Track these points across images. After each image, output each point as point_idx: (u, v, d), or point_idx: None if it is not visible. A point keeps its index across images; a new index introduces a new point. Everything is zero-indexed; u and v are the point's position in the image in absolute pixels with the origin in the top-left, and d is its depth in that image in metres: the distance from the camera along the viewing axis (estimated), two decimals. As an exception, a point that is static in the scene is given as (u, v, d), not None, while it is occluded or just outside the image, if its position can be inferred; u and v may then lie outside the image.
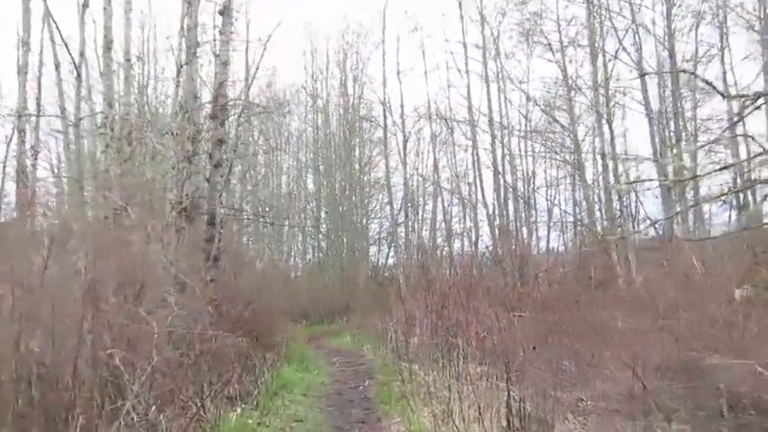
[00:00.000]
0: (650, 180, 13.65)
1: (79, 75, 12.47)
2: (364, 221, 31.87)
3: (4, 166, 13.52)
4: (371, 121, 30.93)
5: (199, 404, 6.77)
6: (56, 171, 15.05)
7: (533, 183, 25.94)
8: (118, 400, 5.70)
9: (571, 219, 27.73)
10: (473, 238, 25.17)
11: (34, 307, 5.23)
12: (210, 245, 11.71)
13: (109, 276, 7.66)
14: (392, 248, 30.46)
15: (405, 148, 28.29)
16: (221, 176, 12.30)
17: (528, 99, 26.43)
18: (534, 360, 7.75)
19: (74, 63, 12.16)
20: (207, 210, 12.02)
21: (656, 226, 22.60)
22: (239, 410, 7.49)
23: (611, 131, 22.30)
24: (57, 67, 13.56)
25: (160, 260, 10.15)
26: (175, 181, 11.93)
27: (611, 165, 23.10)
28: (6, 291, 5.20)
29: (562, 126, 27.48)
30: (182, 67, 12.04)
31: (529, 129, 27.30)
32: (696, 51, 22.37)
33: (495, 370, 7.53)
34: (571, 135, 26.40)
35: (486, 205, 24.59)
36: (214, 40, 12.19)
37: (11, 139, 12.66)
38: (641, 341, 6.90)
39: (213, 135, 12.34)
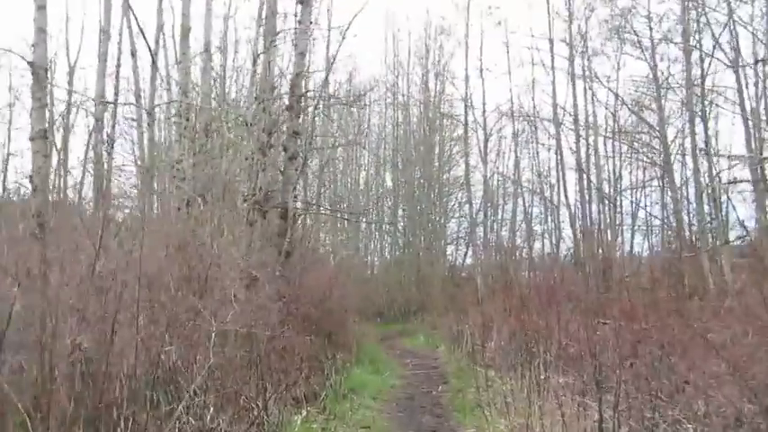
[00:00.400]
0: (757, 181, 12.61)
1: (154, 62, 12.39)
2: (442, 220, 31.32)
3: (86, 155, 13.53)
4: (452, 118, 30.32)
5: (261, 406, 6.39)
6: (134, 160, 15.00)
7: (620, 184, 24.84)
8: (174, 401, 5.38)
9: (657, 222, 26.58)
10: (554, 240, 24.32)
11: (84, 299, 4.94)
12: (282, 239, 11.42)
13: (172, 269, 7.43)
14: (470, 248, 29.82)
15: (486, 146, 27.57)
16: (296, 169, 11.98)
17: (616, 98, 25.35)
18: (624, 373, 7.12)
19: (149, 50, 12.08)
20: (280, 203, 11.75)
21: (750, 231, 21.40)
22: (304, 413, 7.10)
23: (706, 130, 21.02)
24: (133, 54, 13.51)
25: (230, 254, 9.90)
26: (249, 173, 11.69)
27: (704, 166, 21.95)
28: (60, 282, 4.93)
29: (650, 126, 26.35)
30: (258, 56, 11.75)
31: (616, 129, 26.22)
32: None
33: (581, 383, 6.92)
34: (660, 136, 25.31)
35: (568, 206, 23.69)
36: (293, 30, 11.86)
37: (93, 128, 12.63)
38: (746, 356, 6.20)
39: (289, 127, 12.06)
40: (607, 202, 22.99)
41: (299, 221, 12.39)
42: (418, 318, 21.89)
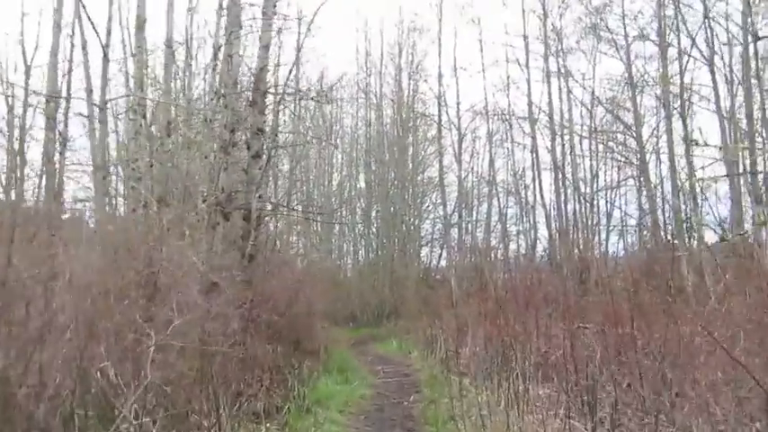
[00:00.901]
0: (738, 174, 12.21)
1: (106, 55, 11.70)
2: (416, 222, 30.83)
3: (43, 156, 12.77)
4: (426, 117, 29.85)
5: (212, 422, 5.80)
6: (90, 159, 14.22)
7: (596, 184, 24.50)
8: (110, 424, 4.77)
9: (633, 222, 26.28)
10: (530, 241, 23.91)
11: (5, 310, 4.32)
12: (246, 242, 10.81)
13: (116, 275, 6.82)
14: (444, 250, 29.36)
15: (460, 146, 27.21)
16: (260, 169, 11.37)
17: (592, 96, 25.05)
18: (607, 383, 6.62)
19: (101, 43, 11.39)
20: (243, 204, 11.14)
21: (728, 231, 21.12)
22: (263, 430, 6.50)
23: (685, 126, 20.68)
24: (83, 47, 12.79)
25: (187, 257, 9.29)
26: (210, 173, 11.08)
27: (681, 164, 21.66)
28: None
29: (625, 125, 26.12)
30: (219, 49, 11.13)
31: (592, 127, 25.90)
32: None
33: (564, 395, 6.41)
34: (635, 134, 25.03)
35: (544, 206, 23.30)
36: (257, 20, 11.26)
37: (45, 126, 11.92)
38: (737, 366, 5.72)
39: (252, 124, 11.45)
40: (583, 201, 22.63)
41: (264, 223, 11.79)
42: (391, 322, 21.36)
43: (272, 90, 12.02)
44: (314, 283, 13.45)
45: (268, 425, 6.77)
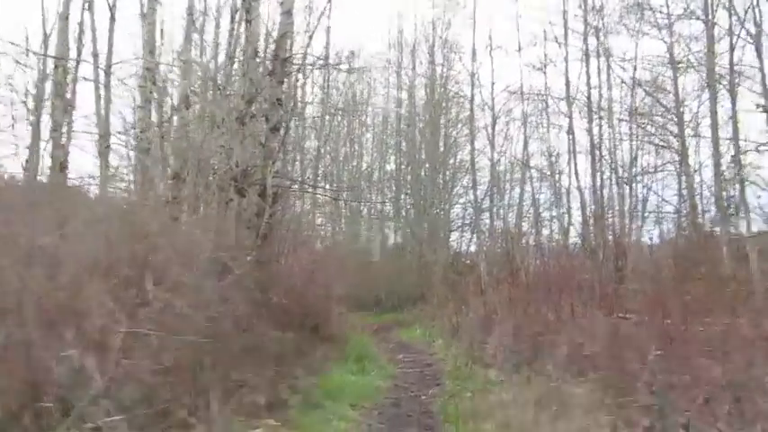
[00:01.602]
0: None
1: (113, 15, 11.07)
2: (447, 206, 30.00)
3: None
4: (459, 96, 28.89)
5: (198, 420, 5.14)
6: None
7: (635, 168, 23.41)
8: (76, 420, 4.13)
9: (670, 208, 25.20)
10: (564, 226, 22.97)
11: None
12: (260, 220, 10.15)
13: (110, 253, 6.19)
14: (474, 235, 28.53)
15: (494, 128, 26.25)
16: (278, 143, 10.69)
17: (633, 77, 23.93)
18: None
19: (107, 1, 10.73)
20: (258, 180, 10.48)
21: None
22: (260, 429, 5.83)
23: (734, 107, 19.53)
24: (89, 6, 12.10)
25: (195, 236, 8.67)
26: (225, 146, 10.44)
27: (726, 148, 20.61)
28: None
29: (665, 108, 25.03)
30: (236, 13, 10.44)
31: (632, 109, 24.81)
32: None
33: (604, 394, 5.66)
34: (675, 118, 23.96)
35: (580, 190, 22.29)
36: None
37: (51, 93, 11.33)
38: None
39: (271, 94, 10.78)
40: (623, 184, 21.57)
41: (285, 201, 11.12)
42: (417, 308, 20.62)
43: (294, 59, 11.33)
44: (334, 266, 12.79)
45: (269, 421, 6.07)
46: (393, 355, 12.13)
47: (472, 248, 28.50)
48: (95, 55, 12.03)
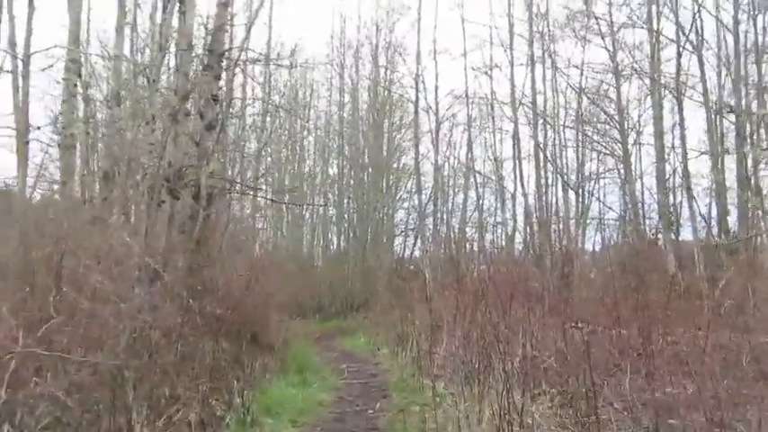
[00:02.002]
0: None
1: (31, 1, 10.27)
2: (390, 211, 29.62)
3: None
4: (403, 98, 28.59)
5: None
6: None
7: (581, 174, 23.44)
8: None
9: (613, 215, 25.33)
10: (509, 231, 22.80)
11: None
12: (194, 223, 9.51)
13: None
14: (418, 240, 28.21)
15: (437, 132, 26.01)
16: (214, 141, 10.06)
17: (578, 85, 23.95)
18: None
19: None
20: (192, 180, 9.84)
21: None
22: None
23: (681, 113, 19.68)
24: (6, -8, 11.24)
25: (120, 241, 8.01)
26: (157, 144, 9.78)
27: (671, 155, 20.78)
28: None
29: (608, 115, 25.16)
30: (169, 3, 9.80)
31: (577, 116, 24.87)
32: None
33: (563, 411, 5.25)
34: (618, 125, 24.07)
35: (524, 195, 22.15)
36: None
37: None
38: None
39: (206, 90, 10.15)
40: (569, 189, 21.53)
41: (224, 204, 10.48)
42: (361, 314, 20.13)
43: (231, 54, 10.73)
44: (274, 272, 12.20)
45: (199, 443, 5.50)
46: (336, 365, 11.58)
47: (416, 254, 28.23)
48: (13, 43, 11.17)
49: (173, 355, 7.09)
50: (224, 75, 10.41)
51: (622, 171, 24.14)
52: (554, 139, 23.17)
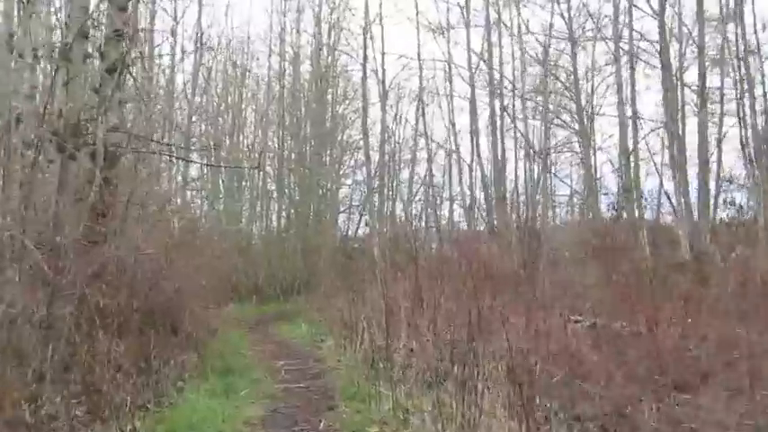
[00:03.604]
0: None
1: None
2: (334, 186, 27.74)
3: None
4: (348, 70, 26.78)
5: None
6: None
7: (540, 145, 21.99)
8: None
9: (566, 190, 24.09)
10: (465, 206, 21.25)
11: None
12: (89, 190, 7.53)
13: None
14: (363, 217, 26.45)
15: (384, 101, 24.25)
16: (116, 87, 8.07)
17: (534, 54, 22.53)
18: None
19: None
20: (91, 136, 7.85)
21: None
22: None
23: (633, 83, 18.46)
24: None
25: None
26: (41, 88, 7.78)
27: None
28: None
29: (564, 85, 23.85)
30: None
31: (533, 86, 23.46)
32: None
33: None
34: (574, 96, 22.74)
35: (481, 166, 20.58)
36: None
37: None
38: None
39: (109, 23, 8.16)
40: (537, 159, 19.98)
41: (130, 166, 8.48)
42: (302, 297, 18.30)
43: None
44: (198, 250, 10.31)
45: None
46: (272, 361, 9.69)
47: (361, 232, 26.59)
48: None
49: (50, 360, 5.30)
50: (130, 5, 8.39)
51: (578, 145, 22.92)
52: (513, 108, 21.65)
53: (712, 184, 18.29)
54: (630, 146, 19.61)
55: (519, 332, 6.27)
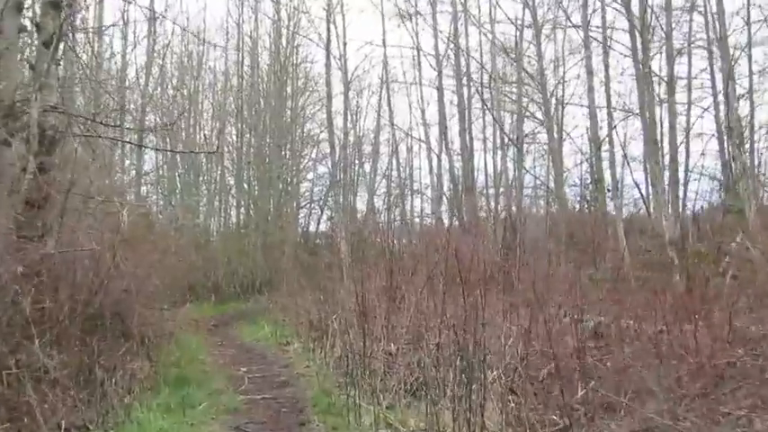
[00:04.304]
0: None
1: None
2: (295, 180, 26.78)
3: None
4: (308, 63, 25.92)
5: None
6: None
7: (511, 134, 21.33)
8: None
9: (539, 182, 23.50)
10: (437, 198, 20.54)
11: None
12: (23, 179, 6.59)
13: None
14: (325, 212, 25.61)
15: (347, 92, 23.35)
16: (54, 62, 7.14)
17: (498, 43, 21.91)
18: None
19: None
20: (25, 117, 6.91)
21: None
22: None
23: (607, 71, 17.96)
24: None
25: None
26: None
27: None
28: None
29: (529, 75, 23.26)
30: None
31: (499, 75, 22.82)
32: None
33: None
34: (540, 85, 22.16)
35: (449, 155, 19.86)
36: None
37: None
38: None
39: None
40: (512, 145, 19.32)
41: (64, 149, 7.53)
42: (264, 295, 17.38)
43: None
44: (152, 247, 9.40)
45: None
46: (234, 368, 8.81)
47: (323, 227, 25.79)
48: None
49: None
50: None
51: (545, 136, 22.36)
52: (482, 95, 20.99)
53: (681, 175, 17.98)
54: (601, 135, 19.11)
55: (520, 333, 5.57)
